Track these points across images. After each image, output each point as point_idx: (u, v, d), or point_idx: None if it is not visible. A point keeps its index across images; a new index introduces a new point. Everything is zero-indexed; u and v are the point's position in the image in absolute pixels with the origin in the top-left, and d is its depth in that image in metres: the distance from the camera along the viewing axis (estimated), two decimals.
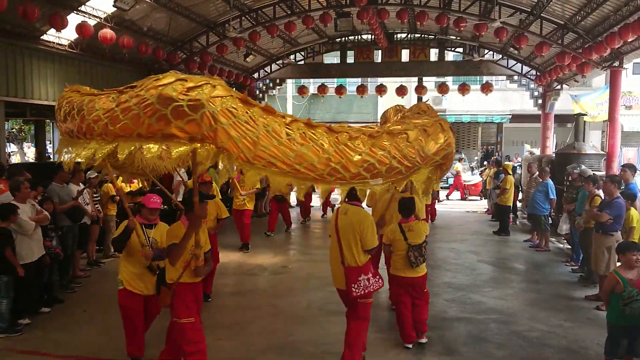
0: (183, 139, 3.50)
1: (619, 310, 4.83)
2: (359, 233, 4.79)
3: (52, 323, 6.38)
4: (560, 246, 11.12)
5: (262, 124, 3.59)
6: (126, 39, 10.80)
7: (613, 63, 12.24)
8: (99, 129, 3.76)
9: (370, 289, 4.83)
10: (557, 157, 13.04)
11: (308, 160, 3.67)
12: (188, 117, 3.45)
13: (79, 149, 4.04)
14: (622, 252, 5.06)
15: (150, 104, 3.51)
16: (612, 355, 4.96)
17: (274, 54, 18.09)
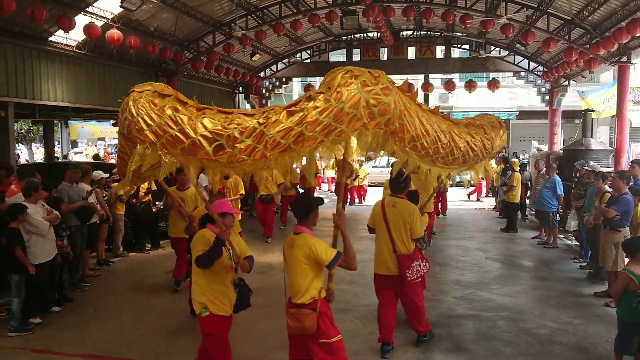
0: None
1: (632, 307, 4.81)
2: (410, 223, 5.24)
3: (63, 322, 6.45)
4: (568, 243, 11.07)
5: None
6: (133, 39, 10.86)
7: (621, 58, 12.16)
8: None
9: (421, 272, 5.37)
10: (564, 154, 12.98)
11: (438, 144, 4.23)
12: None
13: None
14: (632, 251, 5.03)
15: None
16: (623, 352, 4.95)
17: (280, 52, 18.11)
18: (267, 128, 3.59)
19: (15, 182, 7.30)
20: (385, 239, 5.32)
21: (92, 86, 11.92)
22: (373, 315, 6.56)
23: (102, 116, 19.76)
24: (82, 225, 7.87)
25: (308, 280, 3.95)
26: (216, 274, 4.28)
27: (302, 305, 3.95)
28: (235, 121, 3.64)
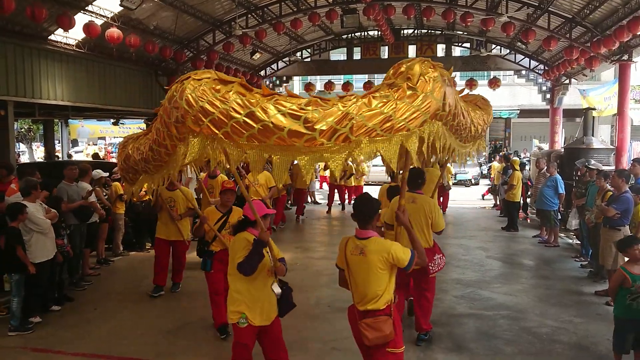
0: None
1: (626, 304, 4.85)
2: (431, 218, 5.42)
3: (63, 321, 6.44)
4: (569, 241, 11.06)
5: None
6: (133, 38, 10.85)
7: (622, 57, 12.13)
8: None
9: (441, 266, 5.67)
10: (565, 152, 12.95)
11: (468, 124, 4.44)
12: (179, 108, 3.66)
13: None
14: (624, 248, 5.06)
15: (166, 106, 3.90)
16: (620, 350, 4.95)
17: (280, 51, 18.09)
18: (352, 109, 3.31)
19: (15, 181, 7.27)
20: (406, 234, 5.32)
21: (92, 85, 11.91)
22: None
23: (102, 115, 19.76)
24: (81, 224, 7.86)
25: (384, 286, 3.68)
26: (258, 279, 4.04)
27: (376, 311, 3.67)
28: (311, 104, 3.35)
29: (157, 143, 4.17)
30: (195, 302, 7.21)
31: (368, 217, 3.78)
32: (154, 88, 14.20)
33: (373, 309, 3.66)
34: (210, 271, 5.80)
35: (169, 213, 7.15)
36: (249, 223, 4.18)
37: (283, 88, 21.15)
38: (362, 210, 3.81)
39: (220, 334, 5.81)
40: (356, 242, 3.77)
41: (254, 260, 3.91)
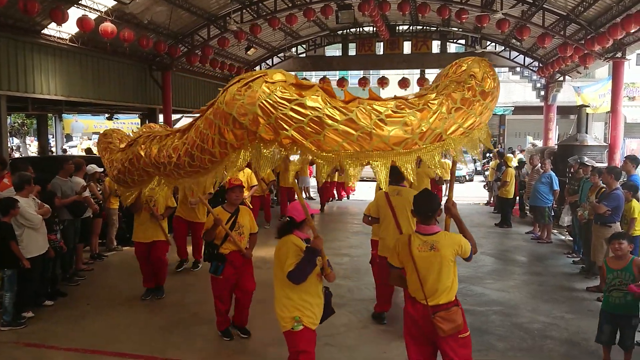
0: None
1: (605, 296, 5.05)
2: None
3: (56, 316, 6.43)
4: (562, 238, 11.12)
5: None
6: (127, 33, 10.80)
7: (616, 54, 12.19)
8: None
9: None
10: (559, 149, 13.02)
11: None
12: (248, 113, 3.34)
13: None
14: (609, 241, 5.25)
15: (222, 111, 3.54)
16: (598, 339, 5.11)
17: (276, 46, 18.06)
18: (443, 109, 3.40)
19: (8, 175, 7.25)
20: (392, 225, 5.71)
21: (85, 79, 11.86)
22: (367, 310, 6.59)
23: (96, 110, 19.69)
24: (75, 220, 7.84)
25: (452, 278, 3.81)
26: (309, 285, 3.91)
27: (448, 303, 3.78)
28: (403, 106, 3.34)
29: (200, 149, 3.79)
30: (188, 297, 7.22)
31: (432, 212, 3.86)
32: (148, 83, 14.15)
33: (445, 301, 3.77)
34: (219, 276, 5.46)
35: (152, 213, 6.87)
36: (295, 225, 4.00)
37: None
38: (427, 206, 3.87)
39: (224, 336, 5.68)
40: (423, 238, 3.81)
41: (307, 270, 3.80)
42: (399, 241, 3.97)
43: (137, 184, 4.93)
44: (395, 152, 3.33)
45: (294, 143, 3.33)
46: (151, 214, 6.88)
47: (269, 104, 3.29)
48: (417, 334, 3.91)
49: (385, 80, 18.20)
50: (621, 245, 5.00)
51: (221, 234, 5.43)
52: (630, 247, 5.08)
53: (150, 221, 6.92)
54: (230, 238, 5.41)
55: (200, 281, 8.07)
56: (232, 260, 5.46)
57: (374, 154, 3.34)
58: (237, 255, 5.51)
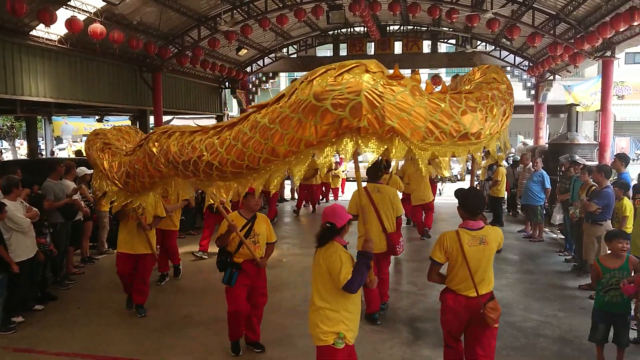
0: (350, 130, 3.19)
1: (599, 296, 5.02)
2: (394, 204, 6.15)
3: (46, 320, 6.36)
4: (553, 236, 11.17)
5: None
6: (117, 34, 10.72)
7: (605, 53, 12.27)
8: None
9: (404, 248, 6.56)
10: (550, 148, 13.08)
11: None
12: (349, 103, 3.11)
13: None
14: (609, 239, 5.18)
15: (308, 104, 3.18)
16: (591, 338, 5.10)
17: (267, 47, 18.02)
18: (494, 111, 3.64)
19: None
20: (375, 221, 6.02)
21: (75, 81, 11.76)
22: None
23: (86, 112, 19.56)
24: (66, 223, 7.77)
25: (492, 269, 4.13)
26: (356, 295, 3.68)
27: (490, 293, 4.08)
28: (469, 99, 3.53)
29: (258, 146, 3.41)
30: (180, 299, 7.18)
31: (480, 208, 4.13)
32: (139, 84, 14.07)
33: (488, 291, 4.06)
34: (233, 286, 5.10)
35: (140, 223, 6.29)
36: (336, 231, 3.72)
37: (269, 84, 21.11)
38: (475, 204, 4.11)
39: (233, 351, 5.35)
40: (472, 233, 4.02)
41: (365, 277, 3.62)
42: (446, 237, 4.09)
43: (147, 188, 4.48)
44: (470, 142, 3.47)
45: (395, 134, 3.19)
46: (138, 223, 6.29)
47: (376, 93, 3.10)
48: (457, 327, 4.14)
49: None
50: (625, 244, 5.04)
51: (235, 241, 5.07)
52: (627, 245, 5.12)
53: (137, 231, 6.34)
54: (245, 246, 5.04)
55: (191, 283, 8.04)
56: (247, 270, 5.12)
57: (459, 144, 3.43)
58: (251, 264, 5.16)
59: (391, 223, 6.12)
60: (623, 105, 24.30)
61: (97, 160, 4.97)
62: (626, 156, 8.30)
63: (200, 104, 18.19)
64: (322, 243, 3.73)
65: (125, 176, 4.52)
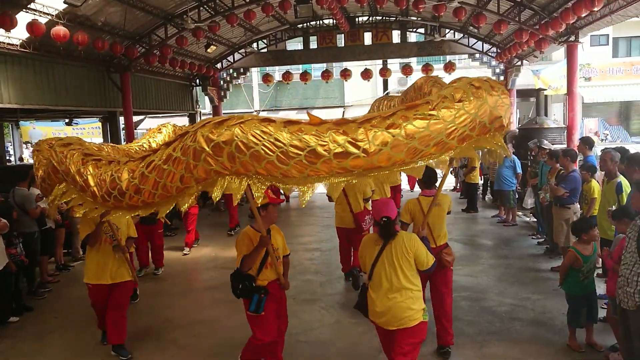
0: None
1: (579, 282, 5.10)
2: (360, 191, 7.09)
3: (22, 332, 6.27)
4: (526, 220, 11.39)
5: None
6: (81, 36, 10.49)
7: (569, 38, 12.48)
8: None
9: (371, 224, 6.98)
10: (520, 133, 13.29)
11: None
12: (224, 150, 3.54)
13: None
14: (585, 230, 5.22)
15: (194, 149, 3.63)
16: (576, 325, 5.20)
17: (236, 43, 17.86)
18: None
19: None
20: (345, 203, 7.19)
21: (40, 86, 11.50)
22: (339, 304, 6.65)
23: (54, 116, 19.16)
24: (37, 231, 7.64)
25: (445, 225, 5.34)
26: None
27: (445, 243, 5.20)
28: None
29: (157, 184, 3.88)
30: (159, 302, 7.13)
31: (433, 180, 5.12)
32: (107, 85, 13.83)
33: (443, 242, 5.13)
34: (261, 313, 4.47)
35: (117, 245, 5.42)
36: (394, 223, 4.06)
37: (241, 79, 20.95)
38: (429, 175, 4.88)
39: None
40: (428, 199, 4.92)
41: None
42: (410, 203, 5.15)
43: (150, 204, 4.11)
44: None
45: (263, 176, 3.55)
46: (115, 245, 5.41)
47: (243, 143, 3.44)
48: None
49: (347, 72, 18.23)
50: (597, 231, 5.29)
51: (257, 261, 4.50)
52: None
53: (112, 257, 5.42)
54: (270, 264, 4.54)
55: (170, 285, 8.00)
56: (273, 292, 4.55)
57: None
58: (276, 285, 4.61)
59: (359, 203, 7.15)
60: (590, 87, 24.75)
61: (77, 176, 4.33)
62: (590, 139, 8.50)
63: (172, 102, 17.97)
64: (391, 236, 4.03)
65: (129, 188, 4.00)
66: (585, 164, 7.65)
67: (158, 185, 3.85)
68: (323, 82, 20.04)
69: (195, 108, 19.70)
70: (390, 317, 3.97)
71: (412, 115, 3.34)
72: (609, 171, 6.38)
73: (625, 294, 3.97)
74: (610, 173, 6.37)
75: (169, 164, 3.77)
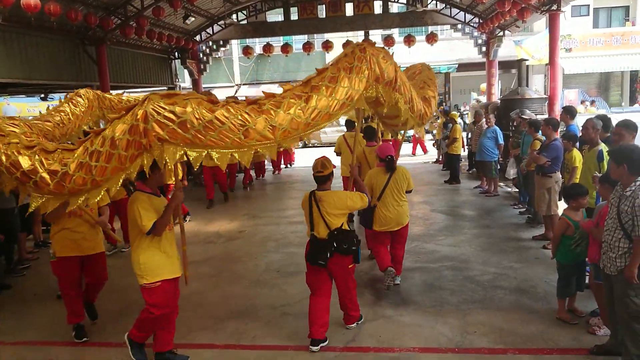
0: None
1: (570, 250, 5.06)
2: None
3: (1, 311, 6.15)
4: (508, 190, 11.47)
5: None
6: (52, 6, 10.10)
7: (551, 7, 12.40)
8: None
9: None
10: (502, 104, 13.28)
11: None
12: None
13: None
14: (574, 197, 5.20)
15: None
16: (566, 294, 5.19)
17: (215, 14, 17.43)
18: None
19: None
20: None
21: (12, 59, 11.10)
22: None
23: (28, 91, 18.64)
24: (16, 207, 7.45)
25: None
26: None
27: None
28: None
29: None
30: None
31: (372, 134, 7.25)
32: (82, 58, 13.43)
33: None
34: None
35: (89, 217, 5.21)
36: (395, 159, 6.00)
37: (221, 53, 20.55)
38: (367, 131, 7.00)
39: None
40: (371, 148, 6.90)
41: None
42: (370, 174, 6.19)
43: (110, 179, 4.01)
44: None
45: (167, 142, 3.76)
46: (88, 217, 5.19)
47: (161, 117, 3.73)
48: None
49: (329, 43, 17.96)
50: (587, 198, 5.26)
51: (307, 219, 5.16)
52: None
53: (85, 226, 5.21)
54: None
55: None
56: None
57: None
58: None
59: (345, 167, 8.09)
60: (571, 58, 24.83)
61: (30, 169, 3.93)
62: (572, 108, 8.49)
63: (150, 76, 17.56)
64: (394, 169, 5.94)
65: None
66: (567, 133, 7.66)
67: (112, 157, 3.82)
68: (304, 54, 19.72)
69: (174, 82, 19.30)
70: (397, 220, 5.91)
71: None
72: (591, 139, 6.39)
73: (609, 259, 4.00)
74: (592, 141, 6.37)
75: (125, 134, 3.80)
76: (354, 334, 5.09)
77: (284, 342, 5.04)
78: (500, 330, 4.97)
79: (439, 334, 4.95)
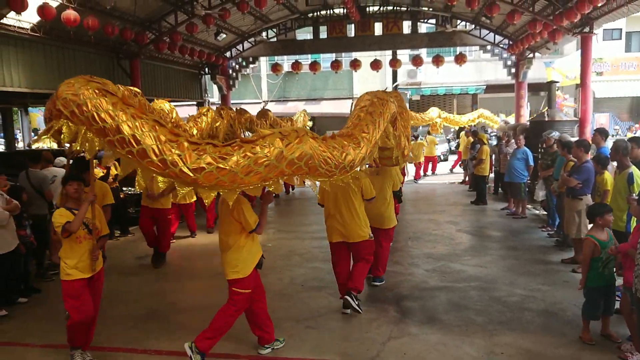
0: None
1: (599, 272, 4.95)
2: None
3: (30, 313, 6.28)
4: (536, 212, 11.29)
5: None
6: (91, 20, 10.46)
7: (584, 29, 12.32)
8: None
9: None
10: (531, 125, 13.16)
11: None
12: None
13: None
14: (600, 214, 5.11)
15: None
16: (592, 317, 5.06)
17: (246, 31, 17.79)
18: None
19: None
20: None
21: (50, 70, 11.49)
22: None
23: None
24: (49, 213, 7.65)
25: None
26: None
27: None
28: None
29: None
30: (163, 287, 7.13)
31: None
32: (116, 72, 13.81)
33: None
34: None
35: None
36: None
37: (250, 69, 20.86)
38: None
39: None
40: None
41: None
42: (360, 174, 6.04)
43: None
44: None
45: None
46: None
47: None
48: None
49: (357, 62, 18.12)
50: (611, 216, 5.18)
51: None
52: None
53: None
54: None
55: (174, 269, 8.00)
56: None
57: None
58: None
59: None
60: (602, 82, 24.52)
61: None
62: (605, 130, 8.39)
63: (180, 90, 17.95)
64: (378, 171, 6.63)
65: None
66: (597, 156, 7.55)
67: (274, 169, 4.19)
68: (332, 72, 19.94)
69: (203, 97, 19.68)
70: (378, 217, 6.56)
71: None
72: (621, 162, 6.29)
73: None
74: (622, 164, 6.27)
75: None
76: (378, 350, 5.03)
77: (306, 355, 5.01)
78: (527, 352, 4.86)
79: (465, 354, 4.87)
